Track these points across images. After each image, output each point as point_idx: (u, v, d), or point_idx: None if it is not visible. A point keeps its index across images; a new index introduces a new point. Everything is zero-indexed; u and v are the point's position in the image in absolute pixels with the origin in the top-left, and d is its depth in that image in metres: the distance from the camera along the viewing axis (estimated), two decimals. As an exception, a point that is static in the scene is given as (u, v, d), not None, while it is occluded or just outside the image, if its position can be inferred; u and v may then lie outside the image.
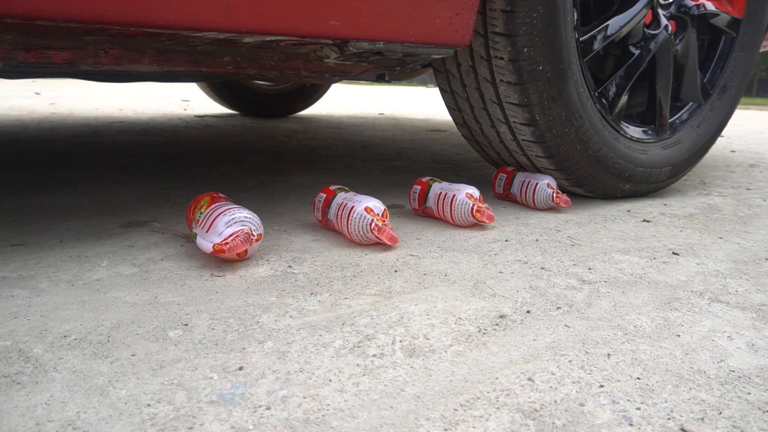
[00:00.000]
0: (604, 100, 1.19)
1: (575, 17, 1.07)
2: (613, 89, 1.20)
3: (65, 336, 0.56)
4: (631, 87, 1.23)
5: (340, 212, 0.89)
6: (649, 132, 1.31)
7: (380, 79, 1.38)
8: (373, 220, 0.85)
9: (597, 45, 1.13)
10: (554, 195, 1.12)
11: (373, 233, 0.84)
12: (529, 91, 1.06)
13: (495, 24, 1.02)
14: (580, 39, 1.09)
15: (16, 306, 0.63)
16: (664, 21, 1.23)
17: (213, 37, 0.76)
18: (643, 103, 1.33)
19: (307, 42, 0.84)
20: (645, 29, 1.21)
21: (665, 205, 1.29)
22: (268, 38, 0.77)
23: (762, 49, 1.81)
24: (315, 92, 3.31)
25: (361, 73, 1.16)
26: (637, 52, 1.20)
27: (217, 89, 3.11)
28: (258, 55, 0.98)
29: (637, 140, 1.26)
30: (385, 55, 0.91)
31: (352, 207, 0.87)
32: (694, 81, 1.35)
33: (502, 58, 1.04)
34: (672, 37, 1.25)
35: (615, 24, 1.14)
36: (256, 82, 3.09)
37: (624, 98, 1.21)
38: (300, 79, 1.27)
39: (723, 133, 3.46)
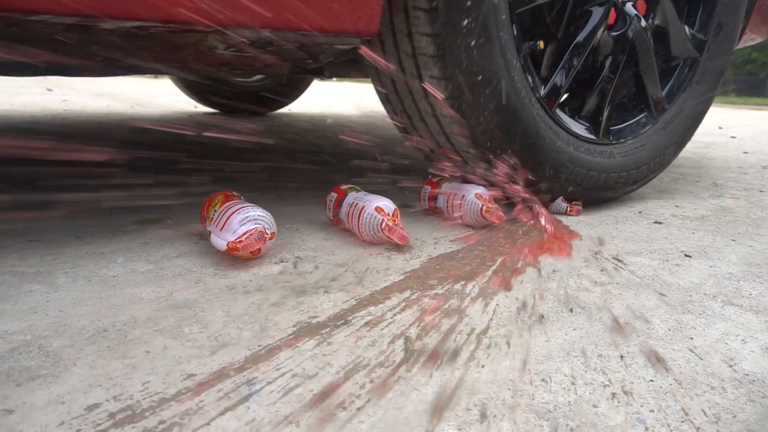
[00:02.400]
0: (587, 124, 1.14)
1: (531, 82, 1.01)
2: (594, 109, 1.15)
3: (83, 331, 0.57)
4: (616, 85, 1.16)
5: (351, 211, 0.90)
6: (644, 120, 1.24)
7: (317, 74, 1.32)
8: (383, 219, 0.85)
9: (563, 84, 1.06)
10: (567, 209, 1.14)
11: (383, 233, 0.85)
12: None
13: (452, 130, 1.00)
14: (544, 95, 1.04)
15: (35, 301, 0.64)
16: (631, 12, 1.13)
17: (56, 22, 0.67)
18: (629, 83, 1.24)
19: (185, 30, 0.76)
20: (611, 33, 1.11)
21: (677, 206, 1.28)
22: (129, 24, 0.69)
23: (750, 43, 1.72)
24: (295, 89, 3.22)
25: (268, 66, 1.07)
26: (609, 60, 1.13)
27: (192, 87, 2.98)
28: (134, 45, 0.87)
29: (633, 137, 1.20)
30: (280, 46, 0.84)
31: (363, 206, 0.87)
32: (682, 38, 1.24)
33: (468, 152, 1.03)
34: (645, 23, 1.15)
35: (576, 52, 1.07)
36: (235, 79, 3.00)
37: (607, 111, 1.15)
38: (192, 72, 1.23)
39: (735, 134, 3.43)
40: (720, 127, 3.90)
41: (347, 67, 1.54)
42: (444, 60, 0.90)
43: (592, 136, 1.14)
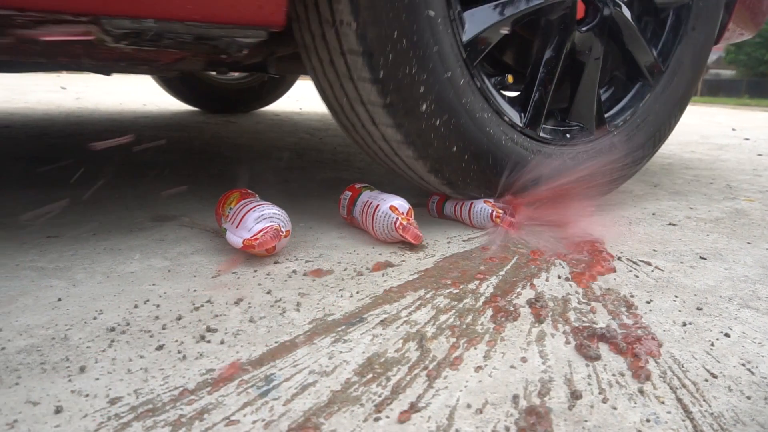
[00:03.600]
0: (581, 123, 1.09)
1: (509, 120, 0.97)
2: (584, 105, 1.08)
3: (103, 326, 0.58)
4: (602, 72, 1.08)
5: (365, 210, 0.90)
6: (641, 91, 1.17)
7: (260, 70, 1.22)
8: (398, 218, 0.85)
9: (545, 100, 1.01)
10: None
11: (398, 231, 0.85)
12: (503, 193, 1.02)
13: (444, 190, 0.99)
14: (527, 124, 1.00)
15: (55, 296, 0.65)
16: None
17: None
18: (617, 61, 1.16)
19: (54, 21, 0.68)
20: (582, 29, 1.02)
21: (691, 208, 1.27)
22: None
23: (739, 39, 1.58)
24: (279, 87, 3.19)
25: (174, 61, 0.99)
26: (590, 54, 1.04)
27: (173, 85, 2.92)
28: (8, 35, 0.77)
29: (632, 114, 1.14)
30: (172, 39, 0.75)
31: (377, 205, 0.88)
32: None
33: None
34: (618, 1, 1.05)
35: (549, 68, 1.00)
36: (213, 76, 2.90)
37: (597, 104, 1.09)
38: (84, 67, 1.11)
39: (749, 136, 3.39)
40: (733, 129, 3.86)
41: (294, 63, 1.44)
42: (415, 144, 0.89)
43: (589, 135, 1.09)
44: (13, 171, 1.36)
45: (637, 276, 0.79)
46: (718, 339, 0.61)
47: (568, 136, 1.08)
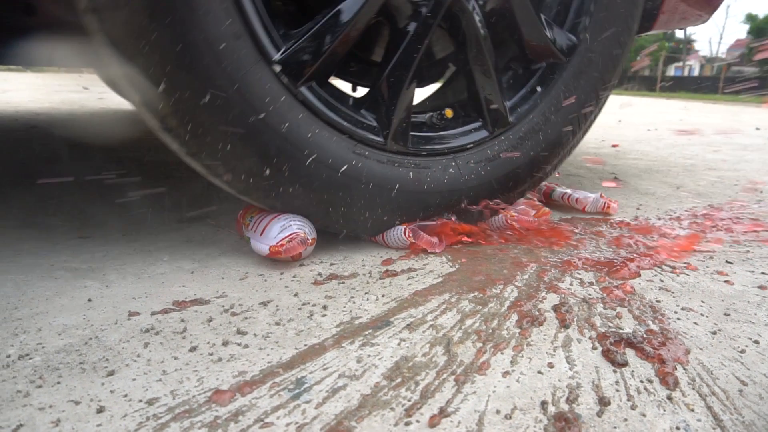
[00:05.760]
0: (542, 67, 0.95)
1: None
2: (540, 51, 0.95)
3: (137, 327, 0.60)
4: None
5: None
6: None
7: None
8: (406, 228, 0.86)
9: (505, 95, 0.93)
10: (604, 204, 1.14)
11: (409, 239, 0.85)
12: None
13: None
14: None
15: (90, 296, 0.67)
16: None
17: None
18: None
19: None
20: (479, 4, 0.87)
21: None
22: None
23: (699, 22, 1.36)
24: None
25: None
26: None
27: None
28: None
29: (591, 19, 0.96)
30: None
31: None
32: None
33: None
34: None
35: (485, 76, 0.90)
36: None
37: (550, 38, 0.93)
38: None
39: (773, 136, 3.32)
40: (757, 128, 3.78)
41: None
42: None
43: (562, 73, 0.97)
44: (43, 171, 1.39)
45: (662, 281, 0.79)
46: (747, 346, 0.60)
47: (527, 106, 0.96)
